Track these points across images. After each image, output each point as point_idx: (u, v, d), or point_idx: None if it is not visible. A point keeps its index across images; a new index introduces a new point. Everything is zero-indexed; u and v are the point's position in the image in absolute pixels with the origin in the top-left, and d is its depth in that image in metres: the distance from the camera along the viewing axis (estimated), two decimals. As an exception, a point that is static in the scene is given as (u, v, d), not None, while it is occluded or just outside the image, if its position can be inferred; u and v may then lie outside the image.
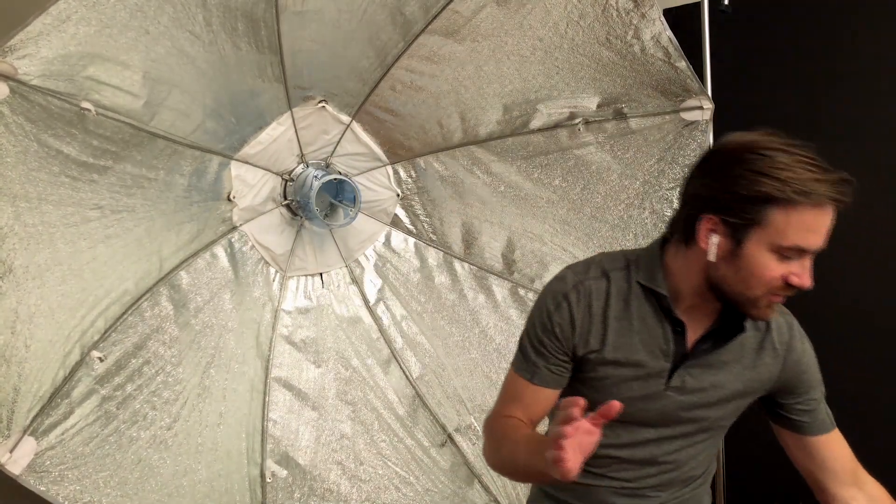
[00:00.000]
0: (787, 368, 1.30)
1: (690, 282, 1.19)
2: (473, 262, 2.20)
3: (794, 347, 1.30)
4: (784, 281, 1.10)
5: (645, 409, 1.24)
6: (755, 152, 1.10)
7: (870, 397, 2.31)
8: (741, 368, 1.26)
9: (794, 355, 1.30)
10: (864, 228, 2.32)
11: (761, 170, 1.08)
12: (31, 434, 1.45)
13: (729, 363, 1.25)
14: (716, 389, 1.25)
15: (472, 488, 2.11)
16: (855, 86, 2.35)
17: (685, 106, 1.85)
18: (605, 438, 1.14)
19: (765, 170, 1.08)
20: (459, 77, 1.95)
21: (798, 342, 1.31)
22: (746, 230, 1.09)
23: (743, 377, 1.26)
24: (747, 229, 1.09)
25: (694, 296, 1.21)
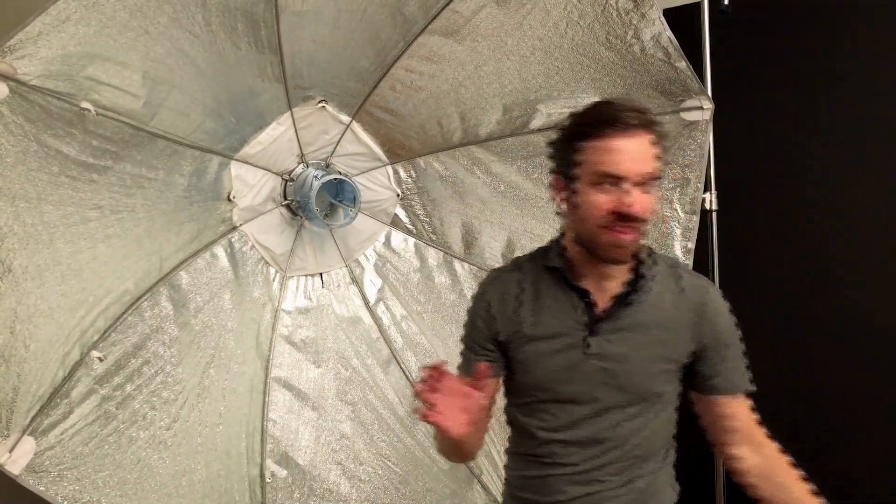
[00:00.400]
0: (703, 328, 1.33)
1: (573, 248, 1.31)
2: (473, 262, 2.20)
3: (708, 307, 1.34)
4: (611, 211, 1.20)
5: (570, 380, 1.31)
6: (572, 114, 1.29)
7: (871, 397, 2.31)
8: (660, 331, 1.31)
9: (708, 313, 1.34)
10: (863, 228, 2.32)
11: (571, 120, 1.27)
12: (30, 434, 1.45)
13: (647, 326, 1.30)
14: (636, 353, 1.30)
15: (471, 488, 2.11)
16: (855, 86, 2.35)
17: (685, 106, 1.85)
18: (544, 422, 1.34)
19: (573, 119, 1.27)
20: (459, 77, 1.95)
21: (712, 302, 1.35)
22: (571, 175, 1.25)
23: (662, 339, 1.31)
24: (571, 173, 1.25)
25: (585, 262, 1.31)
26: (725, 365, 1.35)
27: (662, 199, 1.92)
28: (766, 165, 2.51)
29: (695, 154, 1.87)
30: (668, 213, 1.91)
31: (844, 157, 2.37)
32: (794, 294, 2.45)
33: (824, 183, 2.40)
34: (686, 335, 1.33)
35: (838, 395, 2.35)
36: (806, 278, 2.43)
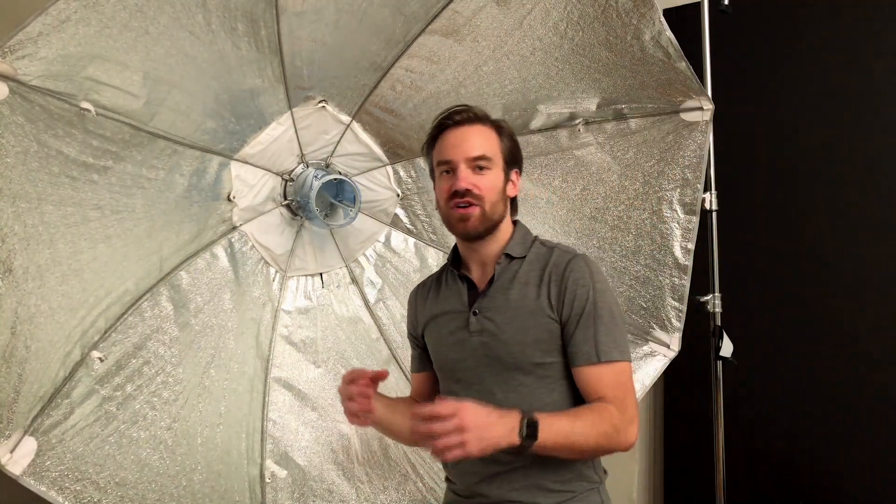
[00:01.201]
0: (564, 298, 1.41)
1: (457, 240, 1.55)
2: (473, 262, 2.20)
3: (567, 277, 1.42)
4: (449, 191, 1.45)
5: (462, 358, 1.47)
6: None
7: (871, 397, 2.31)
8: (527, 302, 1.42)
9: (567, 283, 1.41)
10: (863, 228, 2.32)
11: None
12: (31, 434, 1.45)
13: (516, 300, 1.43)
14: (509, 326, 1.42)
15: (471, 488, 2.11)
16: (855, 85, 2.35)
17: (685, 106, 1.84)
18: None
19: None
20: (459, 77, 1.95)
21: (571, 272, 1.42)
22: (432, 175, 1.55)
23: (529, 309, 1.42)
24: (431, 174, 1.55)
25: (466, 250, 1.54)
26: (580, 334, 1.39)
27: (662, 198, 1.92)
28: (766, 165, 2.51)
29: (695, 154, 1.87)
30: (668, 213, 1.91)
31: (844, 156, 2.37)
32: (794, 294, 2.45)
33: (824, 183, 2.40)
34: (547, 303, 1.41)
35: (838, 394, 2.35)
36: (806, 278, 2.43)
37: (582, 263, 1.43)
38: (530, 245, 1.51)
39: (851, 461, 2.33)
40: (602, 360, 1.37)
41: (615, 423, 1.31)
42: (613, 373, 1.37)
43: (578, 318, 1.39)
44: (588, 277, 1.41)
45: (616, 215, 1.97)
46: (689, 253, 1.90)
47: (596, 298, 1.39)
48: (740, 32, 2.50)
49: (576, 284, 1.40)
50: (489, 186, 1.46)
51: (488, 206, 1.45)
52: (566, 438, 1.27)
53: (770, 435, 2.48)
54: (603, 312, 1.39)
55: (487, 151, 1.46)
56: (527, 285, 1.44)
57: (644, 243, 1.95)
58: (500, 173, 1.48)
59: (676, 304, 1.92)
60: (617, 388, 1.36)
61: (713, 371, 2.11)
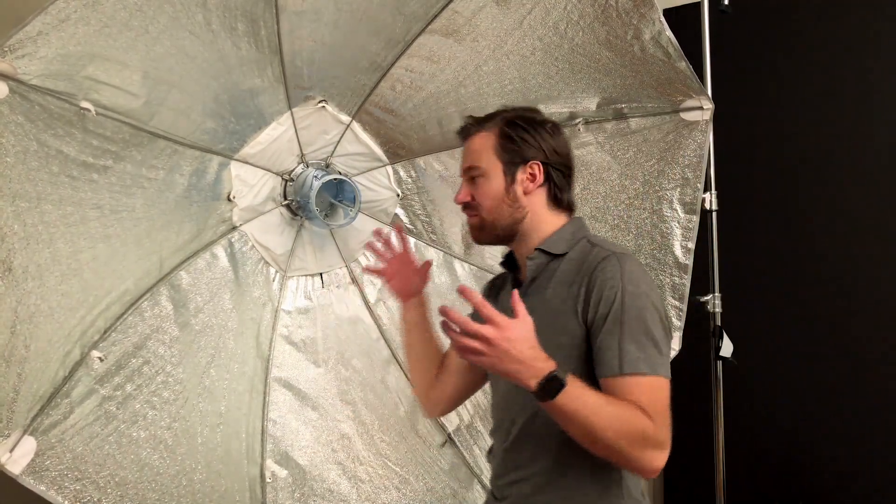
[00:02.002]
0: (588, 294, 1.30)
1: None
2: (473, 263, 2.20)
3: (596, 275, 1.29)
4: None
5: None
6: None
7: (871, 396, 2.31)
8: (556, 302, 1.34)
9: (594, 282, 1.29)
10: (863, 228, 2.32)
11: None
12: (30, 434, 1.45)
13: (549, 300, 1.36)
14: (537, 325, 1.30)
15: (471, 488, 2.11)
16: (855, 85, 2.35)
17: (685, 106, 1.84)
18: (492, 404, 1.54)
19: None
20: (459, 77, 1.95)
21: (600, 270, 1.29)
22: None
23: (556, 309, 1.34)
24: None
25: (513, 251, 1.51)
26: (605, 341, 1.26)
27: (662, 198, 1.92)
28: (766, 165, 2.51)
29: (695, 154, 1.87)
30: (668, 213, 1.91)
31: (844, 156, 2.37)
32: (794, 294, 2.45)
33: (824, 182, 2.40)
34: (573, 308, 1.31)
35: (838, 394, 2.35)
36: (806, 278, 2.43)
37: (615, 262, 1.29)
38: (576, 242, 1.40)
39: (851, 461, 2.32)
40: (626, 371, 1.22)
41: (648, 433, 1.17)
42: (643, 387, 1.21)
43: (603, 321, 1.26)
44: (618, 277, 1.27)
45: (616, 215, 1.97)
46: (690, 252, 1.90)
47: (624, 300, 1.25)
48: (740, 32, 2.50)
49: (604, 284, 1.27)
50: (482, 194, 1.43)
51: (485, 213, 1.44)
52: (585, 417, 1.15)
53: (770, 435, 2.48)
54: (631, 318, 1.24)
55: (476, 160, 1.45)
56: (561, 284, 1.35)
57: (644, 243, 1.95)
58: (496, 178, 1.43)
59: (677, 304, 1.92)
60: (651, 403, 1.20)
61: (713, 371, 2.11)
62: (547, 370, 1.14)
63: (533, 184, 1.43)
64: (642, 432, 1.17)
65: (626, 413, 1.18)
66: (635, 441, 1.17)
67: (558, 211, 1.45)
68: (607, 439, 1.16)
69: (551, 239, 1.42)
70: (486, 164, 1.44)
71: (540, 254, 1.41)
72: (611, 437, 1.16)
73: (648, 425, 1.17)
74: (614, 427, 1.16)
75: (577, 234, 1.42)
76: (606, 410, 1.17)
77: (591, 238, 1.41)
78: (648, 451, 1.18)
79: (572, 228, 1.44)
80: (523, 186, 1.43)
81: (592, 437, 1.18)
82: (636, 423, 1.17)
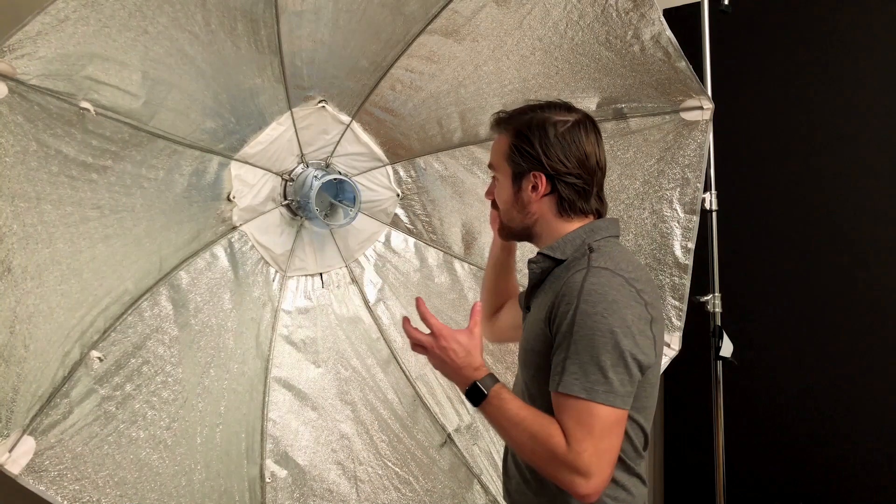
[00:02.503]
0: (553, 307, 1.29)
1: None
2: (473, 263, 2.20)
3: (561, 288, 1.29)
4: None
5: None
6: None
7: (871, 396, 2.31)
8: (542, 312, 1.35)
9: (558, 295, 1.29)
10: (863, 228, 2.32)
11: None
12: (30, 434, 1.45)
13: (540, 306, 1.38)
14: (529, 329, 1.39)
15: (471, 488, 2.11)
16: (854, 85, 2.35)
17: (685, 106, 1.84)
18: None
19: None
20: (459, 77, 1.95)
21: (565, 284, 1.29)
22: None
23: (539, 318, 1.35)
24: None
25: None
26: (556, 356, 1.26)
27: (662, 198, 1.91)
28: (766, 165, 2.51)
29: (695, 154, 1.87)
30: (668, 213, 1.91)
31: (844, 156, 2.37)
32: (794, 294, 2.45)
33: (824, 183, 2.40)
34: (544, 319, 1.32)
35: (838, 394, 2.35)
36: (806, 278, 2.43)
37: (578, 279, 1.26)
38: (581, 247, 1.38)
39: (851, 461, 2.32)
40: (560, 390, 1.22)
41: (556, 453, 1.20)
42: (571, 410, 1.21)
43: (556, 336, 1.27)
44: (575, 294, 1.25)
45: (616, 215, 1.97)
46: (690, 252, 1.90)
47: (576, 319, 1.23)
48: (740, 32, 2.50)
49: (562, 299, 1.27)
50: (497, 195, 1.50)
51: (503, 214, 1.49)
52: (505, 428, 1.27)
53: (770, 435, 2.48)
54: (579, 338, 1.22)
55: (493, 160, 1.50)
56: (548, 293, 1.36)
57: (644, 242, 1.95)
58: (506, 182, 1.45)
59: (677, 304, 1.92)
60: (577, 426, 1.20)
61: (713, 371, 2.11)
62: (473, 379, 1.28)
63: (536, 194, 1.41)
64: (551, 452, 1.20)
65: (542, 431, 1.22)
66: (546, 460, 1.22)
67: (570, 217, 1.42)
68: (523, 453, 1.27)
69: (556, 244, 1.40)
70: (500, 168, 1.48)
71: (542, 258, 1.41)
72: (526, 451, 1.25)
73: (559, 447, 1.20)
74: (527, 443, 1.24)
75: (587, 240, 1.38)
76: (523, 425, 1.24)
77: (594, 244, 1.37)
78: (564, 473, 1.20)
79: (584, 233, 1.40)
80: (528, 196, 1.42)
81: (515, 447, 1.29)
82: (547, 443, 1.21)
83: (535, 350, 1.34)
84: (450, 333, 1.33)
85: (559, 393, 1.23)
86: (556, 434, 1.21)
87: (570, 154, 1.40)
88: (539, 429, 1.23)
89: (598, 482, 1.20)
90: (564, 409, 1.23)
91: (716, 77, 2.07)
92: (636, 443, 1.36)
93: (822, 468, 2.38)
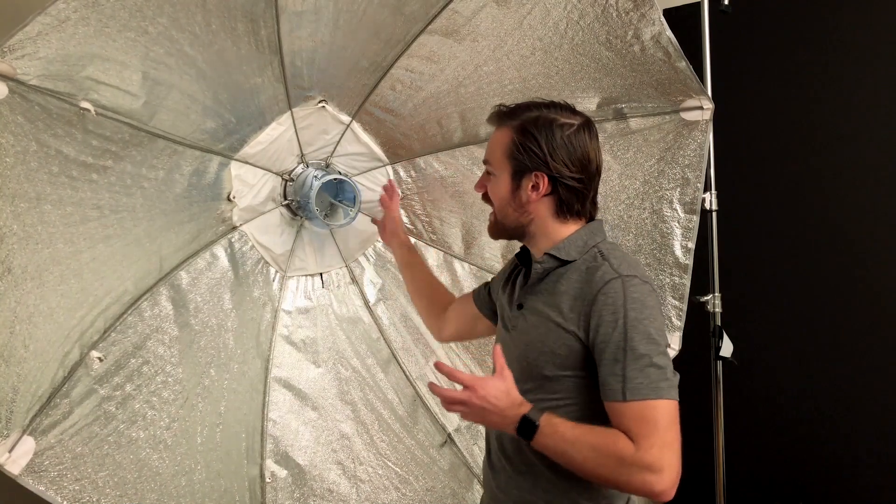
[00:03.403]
0: (589, 316, 1.30)
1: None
2: (473, 262, 2.20)
3: (598, 299, 1.30)
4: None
5: (504, 345, 1.44)
6: None
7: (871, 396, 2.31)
8: (556, 312, 1.35)
9: (596, 305, 1.30)
10: (863, 228, 2.32)
11: None
12: (29, 434, 1.45)
13: (550, 307, 1.37)
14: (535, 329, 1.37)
15: (471, 488, 2.11)
16: (855, 85, 2.35)
17: (685, 106, 1.84)
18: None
19: None
20: (459, 77, 1.95)
21: (603, 294, 1.29)
22: None
23: (555, 320, 1.34)
24: None
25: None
26: (608, 367, 1.27)
27: (662, 198, 1.91)
28: (766, 165, 2.51)
29: (695, 154, 1.87)
30: (669, 212, 1.91)
31: (844, 156, 2.37)
32: (794, 294, 2.45)
33: (824, 183, 2.40)
34: (573, 324, 1.32)
35: (838, 394, 2.35)
36: (806, 278, 2.43)
37: (618, 287, 1.28)
38: (587, 250, 1.39)
39: (851, 461, 2.32)
40: (628, 398, 1.24)
41: (624, 456, 1.20)
42: (639, 409, 1.23)
43: (605, 347, 1.27)
44: (620, 304, 1.27)
45: (616, 214, 1.97)
46: (690, 252, 1.90)
47: (627, 329, 1.26)
48: (740, 32, 2.50)
49: (604, 310, 1.28)
50: (492, 191, 1.47)
51: (497, 211, 1.47)
52: (564, 451, 1.24)
53: (770, 435, 2.48)
54: (635, 345, 1.25)
55: (490, 156, 1.47)
56: (564, 294, 1.35)
57: (644, 242, 1.95)
58: (504, 179, 1.43)
59: (677, 304, 1.92)
60: (642, 424, 1.21)
61: (713, 371, 2.11)
62: (520, 415, 1.26)
63: (536, 194, 1.41)
64: (618, 458, 1.20)
65: (603, 441, 1.22)
66: (614, 467, 1.20)
67: (567, 219, 1.43)
68: (588, 469, 1.23)
69: (561, 245, 1.41)
70: (498, 164, 1.45)
71: (548, 258, 1.41)
72: (591, 466, 1.23)
73: (626, 450, 1.20)
74: (592, 457, 1.22)
75: (589, 242, 1.40)
76: (583, 441, 1.23)
77: (602, 248, 1.39)
78: (636, 474, 1.19)
79: (585, 235, 1.42)
80: (527, 195, 1.42)
81: (575, 467, 1.25)
82: (612, 450, 1.21)
83: (554, 352, 1.34)
84: (484, 381, 1.27)
85: (624, 402, 1.24)
86: (621, 438, 1.22)
87: (574, 158, 1.40)
88: (600, 440, 1.23)
89: (670, 476, 1.19)
90: (626, 414, 1.23)
91: (716, 77, 2.07)
92: None
93: (822, 468, 2.38)
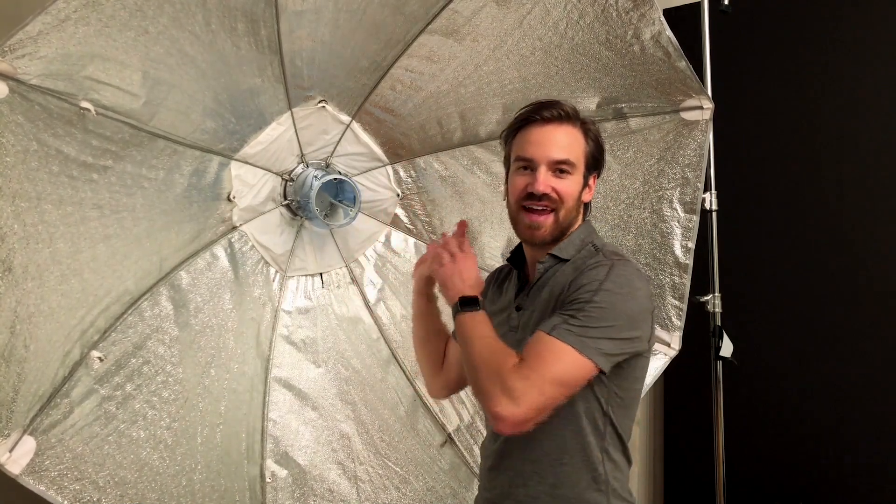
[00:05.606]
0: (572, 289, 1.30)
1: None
2: (473, 262, 2.20)
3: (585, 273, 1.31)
4: (524, 190, 1.38)
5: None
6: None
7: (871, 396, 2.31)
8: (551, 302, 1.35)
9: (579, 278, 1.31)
10: (864, 228, 2.32)
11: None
12: (30, 433, 1.45)
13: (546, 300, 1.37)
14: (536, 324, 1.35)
15: (471, 488, 2.11)
16: (855, 85, 2.35)
17: (685, 106, 1.84)
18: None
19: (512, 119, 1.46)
20: (459, 77, 1.95)
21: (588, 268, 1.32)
22: (507, 166, 1.47)
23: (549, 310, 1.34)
24: (507, 165, 1.47)
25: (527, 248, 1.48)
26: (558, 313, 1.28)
27: (662, 198, 1.92)
28: (766, 165, 2.51)
29: (695, 154, 1.87)
30: (669, 212, 1.91)
31: (844, 156, 2.37)
32: (794, 294, 2.45)
33: (824, 183, 2.40)
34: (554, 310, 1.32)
35: (838, 394, 2.35)
36: (806, 278, 2.43)
37: (606, 266, 1.29)
38: (583, 248, 1.41)
39: (851, 461, 2.32)
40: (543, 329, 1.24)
41: (501, 371, 1.20)
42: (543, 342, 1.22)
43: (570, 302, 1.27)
44: (603, 276, 1.27)
45: (616, 214, 1.97)
46: (690, 252, 1.90)
47: (597, 292, 1.25)
48: (740, 32, 2.50)
49: (586, 277, 1.28)
50: (568, 192, 1.38)
51: (563, 212, 1.38)
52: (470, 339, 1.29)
53: (770, 435, 2.48)
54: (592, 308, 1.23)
55: (571, 156, 1.38)
56: (560, 284, 1.35)
57: (644, 242, 1.95)
58: (579, 178, 1.40)
59: (677, 303, 1.92)
60: (534, 355, 1.21)
61: (713, 371, 2.11)
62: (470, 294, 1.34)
63: (589, 194, 1.45)
64: (497, 370, 1.21)
65: (500, 352, 1.25)
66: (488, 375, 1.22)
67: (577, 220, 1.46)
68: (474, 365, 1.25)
69: (563, 245, 1.41)
70: (577, 162, 1.39)
71: (550, 258, 1.41)
72: (477, 363, 1.24)
73: (507, 365, 1.21)
74: (483, 357, 1.24)
75: (585, 240, 1.43)
76: (488, 343, 1.27)
77: (597, 243, 1.42)
78: (497, 389, 1.19)
79: (582, 234, 1.44)
80: (584, 196, 1.44)
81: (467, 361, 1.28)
82: (499, 359, 1.22)
83: None
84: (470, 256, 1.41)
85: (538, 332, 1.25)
86: (512, 357, 1.23)
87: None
88: (499, 349, 1.25)
89: (520, 413, 1.18)
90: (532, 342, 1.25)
91: (716, 77, 2.07)
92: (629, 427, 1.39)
93: (822, 468, 2.38)
